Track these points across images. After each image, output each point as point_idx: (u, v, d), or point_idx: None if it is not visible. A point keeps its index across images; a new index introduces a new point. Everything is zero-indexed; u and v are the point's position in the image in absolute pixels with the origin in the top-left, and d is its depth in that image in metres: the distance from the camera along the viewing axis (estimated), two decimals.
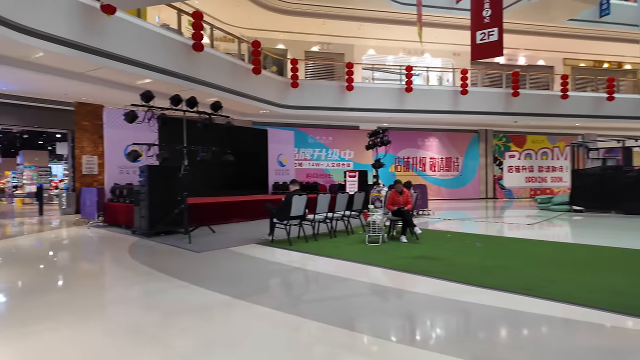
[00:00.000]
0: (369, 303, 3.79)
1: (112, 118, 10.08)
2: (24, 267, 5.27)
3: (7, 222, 11.17)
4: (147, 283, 4.28)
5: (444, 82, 19.56)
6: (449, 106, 17.44)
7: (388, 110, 16.94)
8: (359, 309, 3.56)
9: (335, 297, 3.89)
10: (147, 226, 7.48)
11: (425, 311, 3.57)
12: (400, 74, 17.57)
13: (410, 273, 4.71)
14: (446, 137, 19.65)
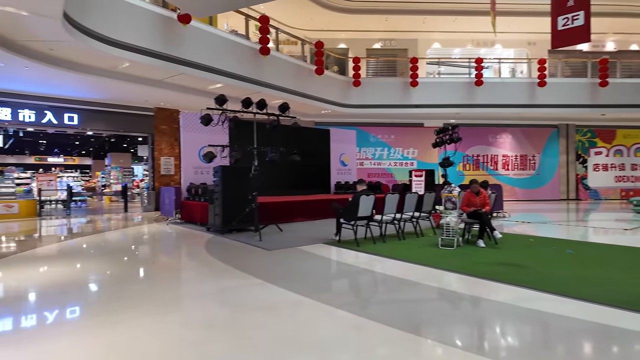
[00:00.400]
0: (440, 309, 3.58)
1: (187, 121, 10.74)
2: (112, 259, 5.76)
3: (98, 217, 12.44)
4: (224, 280, 4.43)
5: (517, 74, 18.14)
6: (525, 99, 16.11)
7: (456, 105, 16.10)
8: (428, 315, 3.39)
9: (403, 301, 3.74)
10: (220, 224, 7.83)
11: (502, 321, 3.26)
12: (469, 67, 16.62)
13: (490, 280, 4.35)
14: (521, 132, 18.21)
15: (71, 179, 23.23)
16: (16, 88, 11.50)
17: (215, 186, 8.12)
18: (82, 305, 3.69)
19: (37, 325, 3.23)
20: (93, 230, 9.27)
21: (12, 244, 7.41)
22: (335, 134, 14.24)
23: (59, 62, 9.40)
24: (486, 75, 16.15)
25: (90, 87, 11.41)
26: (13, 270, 5.13)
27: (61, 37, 7.88)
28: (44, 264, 5.49)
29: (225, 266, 5.08)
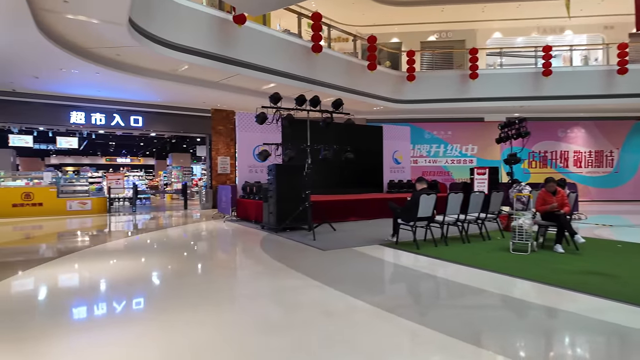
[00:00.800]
0: (508, 319, 3.18)
1: (242, 121, 10.94)
2: (173, 254, 5.93)
3: (160, 214, 13.11)
4: (280, 280, 4.32)
5: (590, 62, 16.42)
6: (600, 89, 14.54)
7: (520, 98, 14.94)
8: (494, 325, 3.03)
9: (467, 309, 3.38)
10: (274, 222, 7.83)
11: (586, 337, 2.77)
12: (535, 57, 15.35)
13: (574, 291, 3.82)
14: (595, 126, 16.49)
15: (137, 177, 24.92)
16: (89, 93, 12.45)
17: (269, 184, 8.13)
18: (145, 299, 3.76)
19: (105, 314, 3.33)
20: (156, 226, 9.74)
21: (86, 238, 7.96)
22: (388, 131, 13.80)
23: (125, 66, 9.98)
24: (555, 65, 14.79)
25: (153, 90, 12.03)
26: (87, 262, 5.44)
27: (127, 43, 8.33)
28: (113, 258, 5.77)
29: (281, 265, 4.99)
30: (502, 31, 17.65)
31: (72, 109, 12.72)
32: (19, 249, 6.74)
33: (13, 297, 3.93)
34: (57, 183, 12.80)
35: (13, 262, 5.62)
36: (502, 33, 17.67)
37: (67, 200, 12.60)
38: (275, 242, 6.83)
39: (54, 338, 2.87)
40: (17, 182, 12.58)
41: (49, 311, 3.51)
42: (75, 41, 8.39)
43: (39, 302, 3.77)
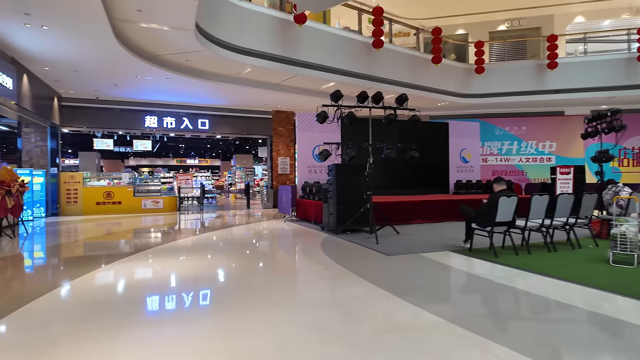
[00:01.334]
0: (606, 342, 2.58)
1: (302, 121, 10.91)
2: (237, 254, 5.96)
3: (225, 213, 13.58)
4: (345, 287, 4.07)
5: None
6: None
7: (609, 88, 13.23)
8: (586, 347, 2.49)
9: (555, 329, 2.84)
10: (334, 223, 7.62)
11: None
12: (629, 41, 13.51)
13: None
14: None
15: (204, 178, 26.29)
16: (161, 99, 13.26)
17: (329, 185, 7.94)
18: (207, 299, 3.73)
19: (170, 310, 3.33)
20: (221, 224, 10.03)
21: (159, 235, 8.40)
22: (455, 128, 12.97)
23: (193, 72, 10.42)
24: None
25: (218, 94, 12.48)
26: (159, 259, 5.66)
27: (195, 47, 8.64)
28: (182, 255, 5.95)
29: (344, 270, 4.74)
30: (585, 14, 15.80)
31: (146, 113, 13.65)
32: (102, 244, 7.25)
33: (94, 288, 4.14)
34: (134, 183, 13.81)
35: (96, 256, 6.03)
36: (585, 17, 15.81)
37: (142, 199, 13.55)
38: (336, 245, 6.61)
39: (123, 330, 2.97)
40: (100, 182, 13.78)
41: (121, 304, 3.61)
42: (148, 49, 8.90)
43: (114, 295, 3.91)
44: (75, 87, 11.37)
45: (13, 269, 5.29)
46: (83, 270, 4.98)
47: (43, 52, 8.31)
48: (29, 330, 3.00)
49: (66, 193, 12.65)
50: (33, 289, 4.19)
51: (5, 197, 7.46)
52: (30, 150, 11.94)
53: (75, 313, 3.40)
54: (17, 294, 4.02)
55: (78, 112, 12.83)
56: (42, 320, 3.22)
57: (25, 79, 9.29)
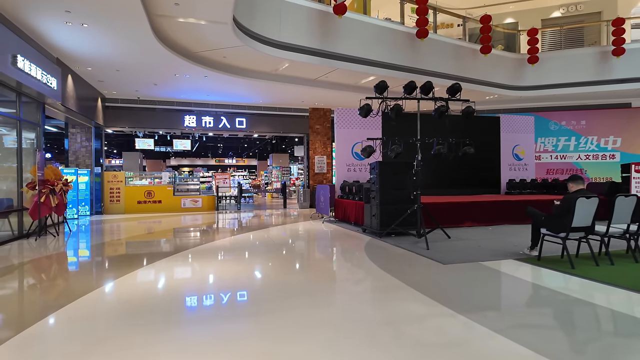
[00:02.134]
0: None
1: (341, 118, 10.42)
2: (275, 257, 5.59)
3: (262, 212, 13.36)
4: (402, 303, 3.52)
5: None
6: None
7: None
8: None
9: None
10: (378, 226, 7.08)
11: None
12: None
13: None
14: None
15: (241, 177, 26.49)
16: (199, 98, 13.26)
17: (372, 184, 7.40)
18: (242, 309, 3.34)
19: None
20: (259, 224, 9.77)
21: (198, 234, 8.24)
22: (507, 122, 11.98)
23: (231, 69, 10.23)
24: None
25: (255, 92, 12.27)
26: (198, 260, 5.40)
27: (232, 43, 8.40)
28: (220, 256, 5.67)
29: (395, 281, 4.21)
30: None
31: (186, 113, 13.72)
32: (143, 243, 7.15)
33: (135, 288, 3.90)
34: (173, 182, 13.94)
35: (138, 255, 5.88)
36: None
37: (181, 198, 13.63)
38: (381, 249, 6.07)
39: (162, 333, 2.86)
40: (142, 182, 14.01)
41: (161, 305, 3.43)
42: (186, 46, 8.77)
43: (154, 296, 3.64)
44: (117, 87, 11.55)
45: (55, 267, 5.21)
46: (125, 269, 4.81)
47: (85, 51, 8.38)
48: (72, 329, 2.84)
49: (109, 192, 12.95)
50: (75, 288, 4.02)
51: (49, 195, 7.55)
52: (77, 150, 12.30)
53: (115, 313, 3.27)
54: (60, 293, 3.85)
55: (120, 113, 13.09)
56: (83, 320, 2.98)
57: (70, 79, 9.48)
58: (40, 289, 4.21)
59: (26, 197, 7.54)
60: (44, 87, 7.54)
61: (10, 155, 7.50)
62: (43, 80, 7.47)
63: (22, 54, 6.66)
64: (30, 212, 7.38)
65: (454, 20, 13.99)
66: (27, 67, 6.79)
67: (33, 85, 7.13)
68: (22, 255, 5.97)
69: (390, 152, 6.56)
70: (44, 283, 4.50)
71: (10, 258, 5.74)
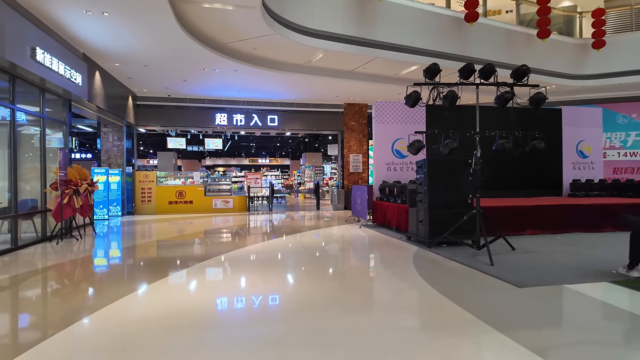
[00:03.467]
0: None
1: (381, 112, 9.49)
2: (311, 268, 4.81)
3: (294, 214, 12.67)
4: (480, 350, 2.62)
5: None
6: None
7: None
8: None
9: None
10: (426, 234, 6.12)
11: None
12: None
13: None
14: None
15: (273, 177, 26.08)
16: (230, 95, 12.76)
17: (419, 185, 6.44)
18: (267, 336, 2.57)
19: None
20: (291, 228, 9.05)
21: (228, 237, 7.64)
22: (570, 115, 10.56)
23: (261, 61, 9.58)
24: None
25: (287, 86, 11.58)
26: (229, 268, 4.75)
27: (262, 31, 7.73)
28: (251, 265, 4.98)
29: (463, 312, 3.25)
30: None
31: (217, 111, 13.28)
32: (171, 248, 6.63)
33: (167, 294, 3.26)
34: (205, 182, 13.55)
35: (164, 262, 5.32)
36: None
37: (212, 199, 13.21)
38: (433, 264, 5.13)
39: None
40: (175, 182, 13.71)
41: (189, 318, 2.71)
42: (213, 36, 8.20)
43: (181, 309, 2.98)
44: (147, 84, 11.24)
45: (63, 278, 4.70)
46: (151, 277, 4.20)
47: (109, 44, 7.98)
48: None
49: (141, 192, 12.72)
50: (81, 305, 3.43)
51: (72, 196, 7.19)
52: (109, 149, 12.14)
53: (135, 327, 2.54)
54: (63, 312, 3.27)
55: (152, 111, 12.84)
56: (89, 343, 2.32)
57: (98, 76, 9.18)
58: (38, 306, 3.66)
59: (50, 198, 7.22)
60: (67, 82, 7.18)
61: (36, 155, 7.21)
62: (66, 76, 7.11)
63: (42, 47, 6.28)
64: (53, 214, 7.04)
65: (502, 6, 12.68)
66: (47, 60, 6.41)
67: (55, 81, 6.77)
68: (35, 261, 5.55)
69: (443, 147, 5.58)
70: (43, 299, 3.95)
71: (22, 264, 5.32)
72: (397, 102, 9.56)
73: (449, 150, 5.55)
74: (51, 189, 7.11)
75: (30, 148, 7.31)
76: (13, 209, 6.17)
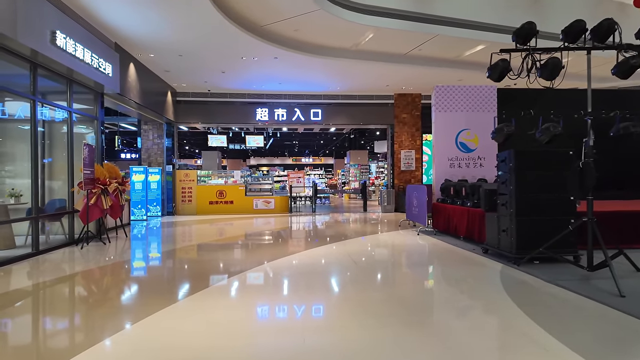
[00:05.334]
0: None
1: (442, 98, 8.13)
2: (362, 291, 3.71)
3: (339, 216, 11.57)
4: None
5: None
6: None
7: None
8: None
9: None
10: (512, 247, 4.76)
11: None
12: None
13: None
14: None
15: (317, 176, 25.17)
16: (271, 88, 11.94)
17: (501, 184, 5.09)
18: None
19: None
20: (337, 233, 7.97)
21: (271, 242, 6.73)
22: None
23: (303, 46, 8.60)
24: None
25: (331, 75, 10.53)
26: (273, 280, 3.78)
27: (305, 7, 6.73)
28: (297, 280, 3.99)
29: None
30: None
31: (257, 106, 12.52)
32: (205, 255, 5.82)
33: (191, 321, 2.36)
34: (245, 182, 12.86)
35: (195, 274, 4.48)
36: None
37: (253, 199, 12.48)
38: (533, 291, 3.79)
39: None
40: (217, 181, 13.15)
41: None
42: (251, 16, 7.32)
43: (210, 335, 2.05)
44: (185, 78, 10.68)
45: (69, 295, 3.96)
46: (173, 296, 3.32)
47: (140, 31, 7.36)
48: None
49: (181, 192, 12.26)
50: (94, 328, 2.59)
51: (100, 196, 6.60)
52: (149, 147, 11.78)
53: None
54: (70, 337, 2.45)
55: (192, 107, 12.34)
56: None
57: (132, 68, 8.67)
58: (21, 337, 2.86)
59: (77, 198, 6.69)
60: (95, 73, 6.61)
61: (64, 151, 6.71)
62: (94, 65, 6.54)
63: (64, 31, 5.69)
64: (81, 215, 6.50)
65: None
66: (70, 46, 5.82)
67: (81, 70, 6.20)
68: (44, 270, 4.91)
69: (542, 133, 4.20)
70: (33, 331, 3.17)
71: (27, 274, 4.68)
72: (463, 87, 8.16)
73: (549, 138, 4.16)
74: (79, 188, 6.58)
75: (59, 144, 6.84)
76: (34, 210, 5.62)
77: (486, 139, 8.02)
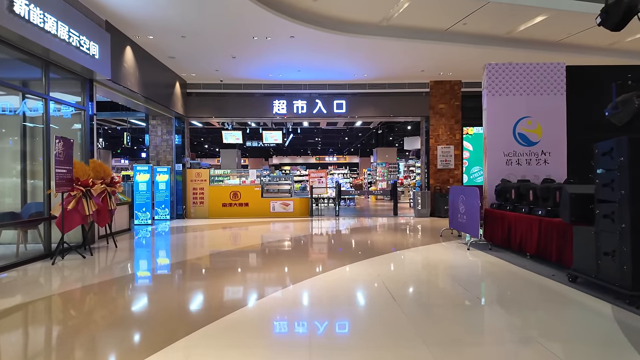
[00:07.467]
0: None
1: (497, 78, 6.59)
2: (404, 339, 2.36)
3: (367, 222, 10.16)
4: None
5: None
6: None
7: None
8: None
9: None
10: (627, 278, 3.25)
11: None
12: None
13: None
14: None
15: (341, 176, 23.76)
16: (289, 77, 10.69)
17: (602, 186, 3.58)
18: None
19: None
20: (365, 247, 6.60)
21: (290, 258, 5.46)
22: None
23: (323, 21, 7.26)
24: None
25: (357, 59, 9.14)
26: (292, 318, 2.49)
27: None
28: (322, 323, 2.69)
29: None
30: None
31: (275, 97, 11.29)
32: (206, 281, 4.62)
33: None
34: (261, 182, 11.67)
35: (198, 308, 3.26)
36: None
37: (270, 201, 11.27)
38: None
39: None
40: (233, 181, 12.04)
41: None
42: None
43: None
44: (194, 66, 9.58)
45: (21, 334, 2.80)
46: (152, 345, 2.10)
47: (134, 5, 6.24)
48: None
49: (192, 193, 11.19)
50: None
51: (82, 200, 5.52)
52: (157, 144, 10.79)
53: None
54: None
55: (203, 100, 11.26)
56: None
57: (130, 52, 7.60)
58: None
59: (55, 202, 5.64)
60: (76, 53, 5.53)
61: (40, 147, 5.68)
62: (73, 43, 5.45)
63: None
64: (57, 222, 5.43)
65: None
66: (36, 17, 4.73)
67: (57, 49, 5.12)
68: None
69: (620, 108, 2.69)
70: None
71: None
72: (522, 64, 6.59)
73: (631, 115, 2.64)
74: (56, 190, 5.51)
75: (33, 139, 5.81)
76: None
77: (552, 129, 6.44)
